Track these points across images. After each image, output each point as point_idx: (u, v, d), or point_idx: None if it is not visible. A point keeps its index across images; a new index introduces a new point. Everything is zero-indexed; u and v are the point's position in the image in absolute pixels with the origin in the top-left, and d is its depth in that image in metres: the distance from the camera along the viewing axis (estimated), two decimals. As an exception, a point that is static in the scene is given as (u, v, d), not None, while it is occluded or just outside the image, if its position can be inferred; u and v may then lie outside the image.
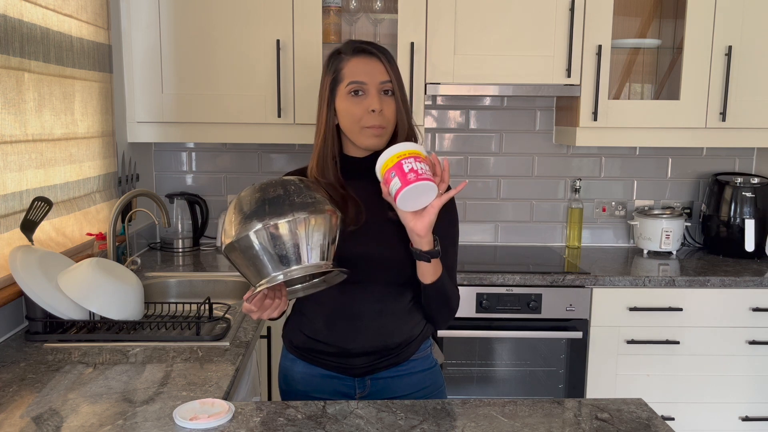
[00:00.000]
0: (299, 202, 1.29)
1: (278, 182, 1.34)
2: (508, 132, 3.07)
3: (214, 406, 1.30)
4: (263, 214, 1.27)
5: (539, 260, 2.82)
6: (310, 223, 1.28)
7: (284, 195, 1.30)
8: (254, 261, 1.29)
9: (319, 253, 1.30)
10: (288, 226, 1.27)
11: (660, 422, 1.30)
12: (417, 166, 1.31)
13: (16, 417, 1.29)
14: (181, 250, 2.88)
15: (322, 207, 1.31)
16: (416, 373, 1.58)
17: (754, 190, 2.82)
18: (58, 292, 1.75)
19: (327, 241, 1.32)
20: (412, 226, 1.38)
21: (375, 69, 1.45)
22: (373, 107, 1.43)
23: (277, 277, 1.28)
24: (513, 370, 2.62)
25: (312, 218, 1.29)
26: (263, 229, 1.26)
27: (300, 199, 1.30)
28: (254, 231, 1.26)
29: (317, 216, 1.29)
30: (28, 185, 1.88)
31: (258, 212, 1.27)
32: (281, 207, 1.28)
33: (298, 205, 1.29)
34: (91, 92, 2.29)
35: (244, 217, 1.28)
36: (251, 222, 1.27)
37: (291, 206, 1.28)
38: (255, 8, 2.57)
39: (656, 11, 2.94)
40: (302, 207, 1.29)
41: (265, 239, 1.27)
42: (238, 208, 1.31)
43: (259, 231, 1.26)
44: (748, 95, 2.68)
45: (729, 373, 2.59)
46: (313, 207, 1.30)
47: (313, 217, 1.29)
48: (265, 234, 1.26)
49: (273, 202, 1.29)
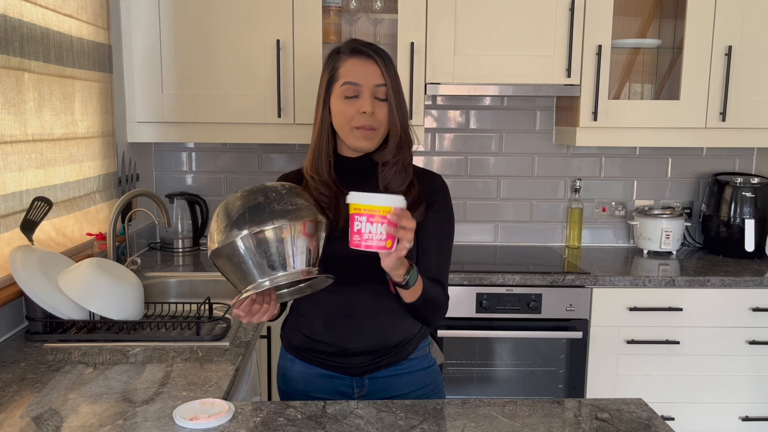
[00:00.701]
0: (279, 209, 1.29)
1: (260, 189, 1.34)
2: (508, 132, 3.07)
3: (214, 406, 1.30)
4: (243, 222, 1.28)
5: (539, 260, 2.82)
6: (291, 230, 1.29)
7: (264, 203, 1.30)
8: (239, 267, 1.30)
9: (303, 259, 1.31)
10: (268, 234, 1.27)
11: (660, 422, 1.30)
12: (366, 229, 1.24)
13: (16, 417, 1.29)
14: (181, 250, 2.88)
15: (302, 213, 1.31)
16: (415, 372, 1.59)
17: (754, 190, 2.82)
18: (58, 292, 1.75)
19: (310, 247, 1.32)
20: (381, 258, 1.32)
21: (370, 71, 1.44)
22: (364, 109, 1.43)
23: (263, 283, 1.29)
24: (513, 370, 2.62)
25: (293, 225, 1.29)
26: (245, 237, 1.27)
27: (280, 206, 1.30)
28: (238, 238, 1.27)
29: (297, 223, 1.29)
30: (28, 185, 1.88)
31: (239, 220, 1.28)
32: (261, 215, 1.28)
33: (277, 213, 1.29)
34: (91, 92, 2.29)
35: (228, 224, 1.29)
36: (233, 229, 1.28)
37: (271, 214, 1.28)
38: (255, 8, 2.57)
39: (656, 11, 2.94)
40: (282, 215, 1.29)
41: (247, 246, 1.27)
42: (223, 214, 1.32)
43: (241, 239, 1.27)
44: (748, 95, 2.68)
45: (729, 373, 2.59)
46: (294, 214, 1.30)
47: (293, 224, 1.29)
48: (246, 242, 1.27)
49: (253, 209, 1.29)
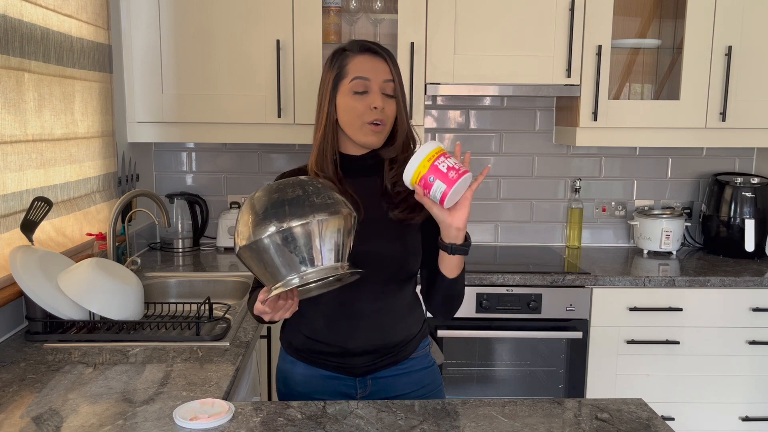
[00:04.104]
0: (319, 203, 1.26)
1: (296, 182, 1.30)
2: (508, 132, 3.07)
3: (214, 406, 1.30)
4: (283, 216, 1.23)
5: (539, 260, 2.82)
6: (328, 224, 1.25)
7: (303, 196, 1.26)
8: (271, 263, 1.26)
9: (334, 254, 1.27)
10: (308, 228, 1.24)
11: (660, 422, 1.30)
12: (451, 163, 1.30)
13: (16, 417, 1.29)
14: (181, 250, 2.88)
15: (339, 208, 1.28)
16: (416, 371, 1.59)
17: (754, 190, 2.82)
18: (58, 292, 1.75)
19: (343, 242, 1.29)
20: (450, 221, 1.36)
21: (380, 68, 1.46)
22: (375, 104, 1.44)
23: (292, 280, 1.25)
24: (513, 370, 2.62)
25: (331, 219, 1.26)
26: (282, 231, 1.23)
27: (320, 199, 1.27)
28: (273, 233, 1.23)
29: (336, 217, 1.26)
30: (28, 185, 1.88)
31: (278, 213, 1.24)
32: (302, 208, 1.24)
33: (318, 206, 1.25)
34: (91, 92, 2.29)
35: (262, 218, 1.24)
36: (270, 223, 1.23)
37: (311, 207, 1.25)
38: (255, 8, 2.57)
39: (656, 11, 2.94)
40: (322, 208, 1.25)
41: (282, 241, 1.23)
42: (254, 208, 1.27)
43: (278, 233, 1.23)
44: (748, 95, 2.68)
45: (729, 373, 2.59)
46: (333, 208, 1.27)
47: (332, 218, 1.26)
48: (283, 235, 1.23)
49: (293, 202, 1.25)
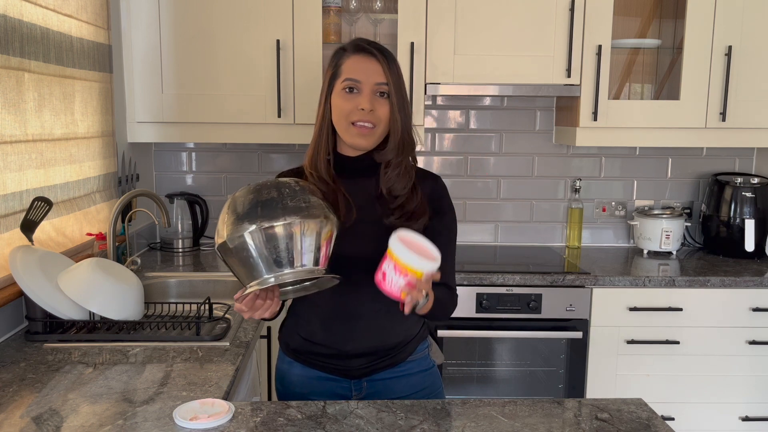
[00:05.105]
0: (292, 205, 1.27)
1: (272, 184, 1.32)
2: (508, 132, 3.07)
3: (214, 406, 1.30)
4: (255, 217, 1.26)
5: (539, 260, 2.82)
6: (302, 227, 1.27)
7: (277, 198, 1.28)
8: (246, 262, 1.28)
9: (312, 257, 1.29)
10: (279, 230, 1.25)
11: (660, 422, 1.30)
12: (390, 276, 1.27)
13: (16, 417, 1.29)
14: (181, 250, 2.88)
15: (315, 212, 1.29)
16: (414, 374, 1.58)
17: (754, 190, 2.82)
18: (58, 292, 1.75)
19: (320, 246, 1.30)
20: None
21: (372, 69, 1.45)
22: (362, 106, 1.43)
23: (268, 279, 1.27)
24: (513, 370, 2.62)
25: (305, 223, 1.27)
26: (254, 232, 1.25)
27: (293, 202, 1.28)
28: (246, 233, 1.25)
29: (310, 221, 1.28)
30: (28, 185, 1.88)
31: (250, 214, 1.26)
32: (273, 210, 1.26)
33: (290, 209, 1.27)
34: (91, 92, 2.29)
35: (237, 218, 1.27)
36: (243, 223, 1.26)
37: (284, 210, 1.26)
38: (255, 8, 2.57)
39: (656, 11, 2.94)
40: (295, 211, 1.27)
41: (256, 241, 1.26)
42: (232, 208, 1.30)
43: (251, 233, 1.25)
44: (748, 95, 2.68)
45: (729, 373, 2.59)
46: (307, 211, 1.28)
47: (305, 221, 1.27)
48: (256, 236, 1.25)
49: (266, 204, 1.27)
